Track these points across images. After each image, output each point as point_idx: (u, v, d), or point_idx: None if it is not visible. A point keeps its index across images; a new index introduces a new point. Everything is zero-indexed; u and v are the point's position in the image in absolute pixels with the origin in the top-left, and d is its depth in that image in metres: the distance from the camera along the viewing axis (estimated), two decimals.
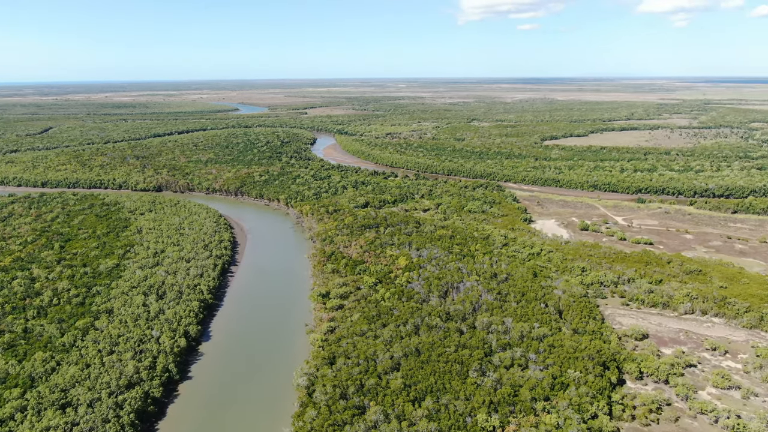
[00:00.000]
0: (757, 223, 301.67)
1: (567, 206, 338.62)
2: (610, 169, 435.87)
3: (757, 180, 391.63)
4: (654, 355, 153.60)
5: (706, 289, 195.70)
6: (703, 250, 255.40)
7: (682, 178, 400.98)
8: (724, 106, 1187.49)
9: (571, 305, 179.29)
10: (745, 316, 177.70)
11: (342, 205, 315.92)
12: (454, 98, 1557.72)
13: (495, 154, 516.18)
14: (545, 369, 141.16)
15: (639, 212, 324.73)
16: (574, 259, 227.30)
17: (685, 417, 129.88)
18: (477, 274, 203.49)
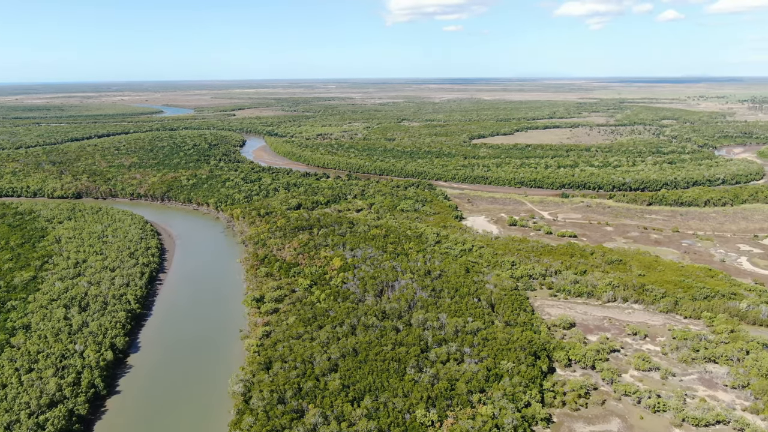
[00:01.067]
0: (669, 213, 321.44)
1: (496, 203, 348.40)
2: (536, 166, 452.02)
3: (668, 173, 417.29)
4: (581, 343, 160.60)
5: (627, 278, 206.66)
6: (623, 240, 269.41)
7: (601, 173, 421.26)
8: (638, 104, 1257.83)
9: (502, 298, 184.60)
10: (661, 302, 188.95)
11: (274, 208, 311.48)
12: (383, 98, 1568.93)
13: (425, 154, 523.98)
14: (480, 362, 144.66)
15: (563, 207, 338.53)
16: (504, 254, 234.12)
17: (611, 399, 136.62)
18: (411, 272, 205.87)
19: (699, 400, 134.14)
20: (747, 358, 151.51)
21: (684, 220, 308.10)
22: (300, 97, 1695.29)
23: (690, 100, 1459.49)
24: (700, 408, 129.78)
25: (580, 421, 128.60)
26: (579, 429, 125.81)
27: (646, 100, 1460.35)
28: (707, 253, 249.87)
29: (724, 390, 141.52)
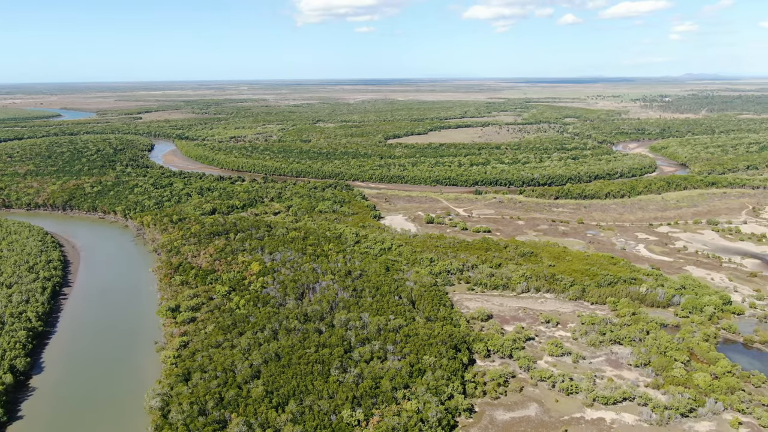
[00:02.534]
0: (574, 206, 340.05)
1: (413, 201, 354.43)
2: (450, 165, 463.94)
3: (572, 169, 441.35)
4: (498, 333, 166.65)
5: (538, 269, 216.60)
6: (534, 233, 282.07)
7: (512, 169, 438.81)
8: (542, 104, 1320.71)
9: (422, 295, 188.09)
10: (570, 290, 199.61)
11: (187, 213, 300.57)
12: (298, 100, 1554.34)
13: (342, 154, 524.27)
14: (403, 358, 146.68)
15: (477, 203, 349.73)
16: (422, 251, 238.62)
17: (528, 386, 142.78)
18: (332, 273, 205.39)
19: (607, 380, 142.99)
20: (647, 338, 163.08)
21: (588, 212, 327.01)
22: (211, 99, 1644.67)
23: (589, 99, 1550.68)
24: (608, 387, 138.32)
25: (501, 408, 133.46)
26: (499, 416, 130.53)
27: (549, 99, 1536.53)
28: (609, 242, 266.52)
29: (629, 369, 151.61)
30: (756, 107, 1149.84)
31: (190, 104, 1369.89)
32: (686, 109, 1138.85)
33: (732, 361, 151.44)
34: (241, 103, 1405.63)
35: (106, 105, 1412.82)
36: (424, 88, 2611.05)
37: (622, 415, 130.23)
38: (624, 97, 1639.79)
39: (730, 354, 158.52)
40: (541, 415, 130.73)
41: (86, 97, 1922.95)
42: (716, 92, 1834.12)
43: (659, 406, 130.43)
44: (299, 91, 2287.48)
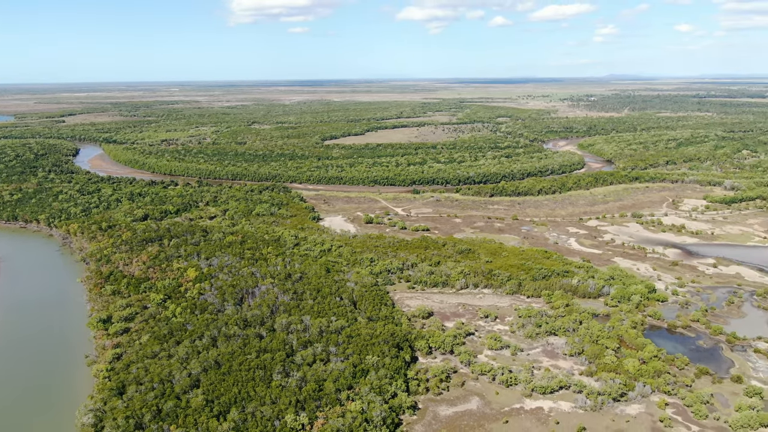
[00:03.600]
0: (509, 203, 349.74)
1: (351, 202, 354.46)
2: (387, 165, 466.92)
3: (506, 167, 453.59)
4: (439, 330, 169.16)
5: (476, 265, 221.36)
6: (471, 231, 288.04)
7: (448, 168, 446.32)
8: (476, 104, 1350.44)
9: (363, 295, 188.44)
10: (507, 285, 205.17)
11: (118, 220, 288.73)
12: (231, 101, 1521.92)
13: (278, 156, 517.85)
14: (346, 359, 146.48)
15: (415, 202, 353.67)
16: (362, 252, 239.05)
17: (470, 380, 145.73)
18: (271, 277, 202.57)
19: (544, 370, 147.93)
20: (580, 327, 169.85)
21: (522, 208, 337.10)
22: (140, 101, 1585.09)
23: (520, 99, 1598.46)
24: (545, 377, 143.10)
25: (443, 404, 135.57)
26: (442, 412, 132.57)
27: (482, 99, 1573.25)
28: (543, 237, 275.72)
29: (564, 358, 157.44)
30: (673, 106, 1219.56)
31: (118, 106, 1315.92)
32: (610, 108, 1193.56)
33: (658, 346, 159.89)
34: (172, 105, 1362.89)
35: (25, 108, 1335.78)
36: (360, 88, 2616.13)
37: (559, 403, 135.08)
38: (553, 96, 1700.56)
39: (656, 339, 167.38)
40: (483, 408, 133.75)
41: (1, 99, 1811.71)
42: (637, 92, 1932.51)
43: (593, 393, 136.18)
44: (233, 92, 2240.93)
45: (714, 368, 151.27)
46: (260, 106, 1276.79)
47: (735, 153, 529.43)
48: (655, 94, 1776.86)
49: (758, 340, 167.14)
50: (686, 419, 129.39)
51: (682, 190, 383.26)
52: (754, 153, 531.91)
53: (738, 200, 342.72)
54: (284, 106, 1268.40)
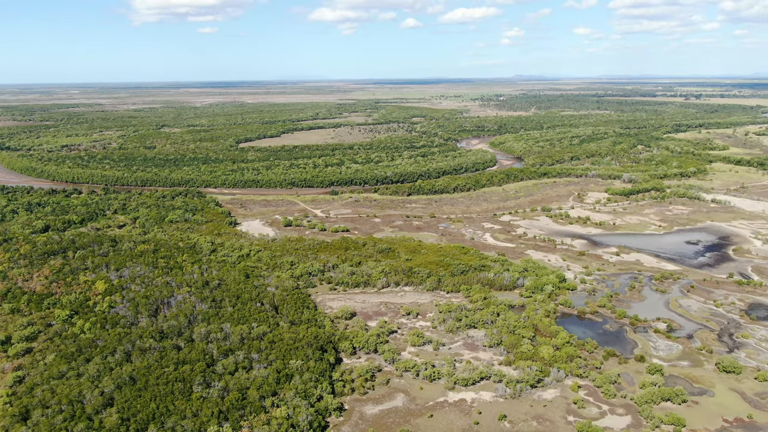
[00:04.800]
0: (426, 201, 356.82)
1: (269, 205, 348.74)
2: (305, 166, 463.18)
3: (422, 166, 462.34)
4: (363, 330, 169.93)
5: (396, 264, 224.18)
6: (390, 230, 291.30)
7: (365, 169, 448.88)
8: (391, 104, 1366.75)
9: (285, 299, 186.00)
10: (427, 281, 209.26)
11: (15, 233, 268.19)
12: (138, 104, 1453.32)
13: (191, 160, 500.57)
14: (269, 365, 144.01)
15: (334, 203, 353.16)
16: (282, 255, 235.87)
17: (394, 377, 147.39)
18: (188, 285, 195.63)
19: (465, 363, 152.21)
20: (498, 319, 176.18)
21: (439, 206, 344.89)
22: (35, 104, 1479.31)
23: (433, 99, 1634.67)
24: (466, 369, 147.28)
25: (369, 403, 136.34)
26: (369, 411, 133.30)
27: (397, 100, 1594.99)
28: (459, 233, 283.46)
29: (484, 350, 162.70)
30: (575, 105, 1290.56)
31: (10, 110, 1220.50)
32: (518, 107, 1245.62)
33: (570, 332, 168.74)
34: (72, 109, 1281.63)
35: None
36: (274, 90, 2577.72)
37: (480, 394, 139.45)
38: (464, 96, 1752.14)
39: (568, 326, 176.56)
40: (408, 404, 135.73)
41: None
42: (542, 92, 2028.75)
43: (512, 381, 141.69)
44: (140, 94, 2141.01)
45: (620, 350, 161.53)
46: (170, 109, 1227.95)
47: (631, 148, 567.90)
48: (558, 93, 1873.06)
49: (657, 321, 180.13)
50: (597, 399, 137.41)
51: (586, 184, 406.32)
52: (648, 148, 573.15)
53: (635, 192, 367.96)
54: (195, 109, 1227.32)
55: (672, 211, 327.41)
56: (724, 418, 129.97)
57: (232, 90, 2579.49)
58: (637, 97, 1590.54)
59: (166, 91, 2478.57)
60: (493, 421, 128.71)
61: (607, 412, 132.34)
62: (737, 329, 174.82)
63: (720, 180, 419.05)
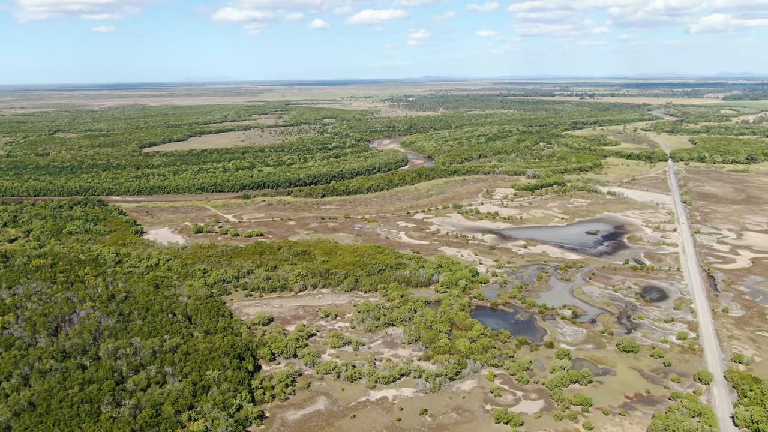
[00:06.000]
0: (341, 202, 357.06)
1: (178, 212, 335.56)
2: (214, 171, 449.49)
3: (335, 167, 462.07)
4: (281, 335, 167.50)
5: (313, 266, 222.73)
6: (305, 232, 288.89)
7: (278, 171, 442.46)
8: (301, 105, 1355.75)
9: (198, 308, 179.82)
10: (345, 282, 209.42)
11: None
12: (27, 108, 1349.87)
13: (90, 167, 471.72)
14: (185, 378, 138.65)
15: (247, 208, 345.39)
16: (194, 263, 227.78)
17: (315, 381, 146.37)
18: (92, 300, 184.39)
19: (386, 361, 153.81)
20: (415, 316, 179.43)
21: (353, 206, 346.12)
22: None
23: (344, 100, 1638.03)
24: (387, 367, 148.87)
25: (291, 408, 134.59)
26: (290, 416, 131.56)
27: (308, 101, 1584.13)
28: (375, 233, 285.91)
29: (403, 347, 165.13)
30: (481, 104, 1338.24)
31: None
32: (427, 107, 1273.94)
33: (484, 324, 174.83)
34: None
35: None
36: (179, 92, 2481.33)
37: (401, 390, 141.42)
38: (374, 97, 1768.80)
39: (482, 318, 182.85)
40: (330, 406, 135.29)
41: None
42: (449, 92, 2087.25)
43: (431, 376, 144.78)
44: (29, 97, 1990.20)
45: (531, 338, 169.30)
46: (64, 113, 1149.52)
47: (534, 145, 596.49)
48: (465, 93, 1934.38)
49: (563, 308, 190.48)
50: (512, 387, 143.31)
51: (494, 181, 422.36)
52: (549, 145, 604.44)
53: (539, 187, 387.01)
54: (93, 113, 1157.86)
55: (573, 203, 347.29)
56: (626, 394, 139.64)
57: (132, 92, 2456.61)
58: (537, 97, 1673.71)
59: (59, 94, 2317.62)
60: (414, 416, 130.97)
61: (521, 398, 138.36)
62: (634, 311, 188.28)
63: (614, 173, 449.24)
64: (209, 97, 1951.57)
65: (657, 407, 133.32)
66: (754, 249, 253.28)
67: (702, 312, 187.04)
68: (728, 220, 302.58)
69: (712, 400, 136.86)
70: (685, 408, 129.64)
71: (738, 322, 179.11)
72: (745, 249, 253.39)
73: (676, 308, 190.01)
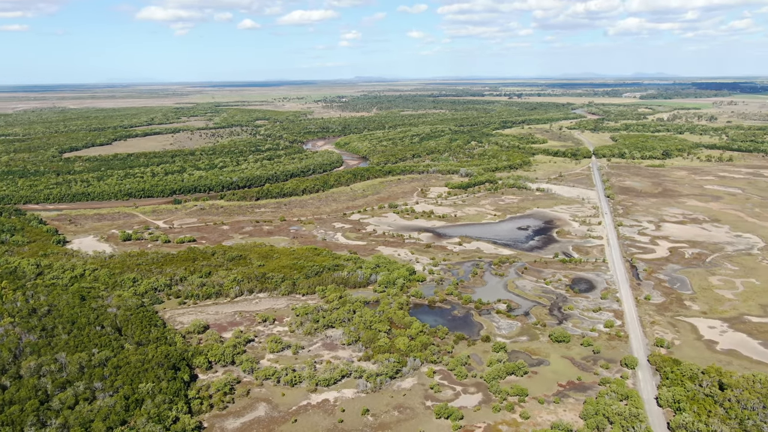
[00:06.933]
0: (276, 205, 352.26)
1: (104, 219, 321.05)
2: (142, 175, 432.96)
3: (269, 169, 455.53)
4: (218, 342, 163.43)
5: (249, 271, 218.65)
6: (240, 236, 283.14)
7: (209, 175, 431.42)
8: (232, 107, 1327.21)
9: (129, 319, 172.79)
10: (282, 286, 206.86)
11: None
12: None
13: (5, 174, 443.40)
14: (116, 392, 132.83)
15: (178, 213, 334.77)
16: (123, 272, 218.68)
17: (254, 387, 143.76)
18: (10, 315, 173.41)
19: (326, 363, 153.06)
20: (354, 317, 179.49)
21: (288, 208, 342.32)
22: None
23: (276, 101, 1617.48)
24: (327, 370, 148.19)
25: (230, 417, 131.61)
26: (230, 425, 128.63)
27: (239, 102, 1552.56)
28: (311, 235, 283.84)
29: (343, 348, 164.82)
30: (413, 105, 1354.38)
31: None
32: (361, 108, 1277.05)
33: (422, 321, 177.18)
34: None
35: None
36: (101, 94, 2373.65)
37: (342, 392, 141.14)
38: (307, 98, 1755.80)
39: (421, 315, 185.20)
40: (271, 412, 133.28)
41: None
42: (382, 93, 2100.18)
43: (372, 375, 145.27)
44: None
45: (468, 333, 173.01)
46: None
47: (466, 144, 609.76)
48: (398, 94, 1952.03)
49: (498, 302, 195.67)
50: (451, 382, 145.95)
51: (428, 180, 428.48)
52: (480, 144, 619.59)
53: (472, 185, 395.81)
54: (6, 116, 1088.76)
55: (504, 200, 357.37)
56: (559, 383, 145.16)
57: (50, 94, 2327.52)
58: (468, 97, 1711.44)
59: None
60: (356, 417, 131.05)
61: (460, 392, 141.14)
62: (564, 302, 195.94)
63: (542, 170, 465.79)
64: (135, 99, 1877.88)
65: (588, 393, 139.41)
66: (671, 239, 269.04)
67: (626, 300, 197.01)
68: (647, 213, 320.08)
69: (637, 384, 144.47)
70: (614, 392, 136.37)
71: (659, 309, 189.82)
72: (663, 239, 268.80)
73: (602, 298, 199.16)
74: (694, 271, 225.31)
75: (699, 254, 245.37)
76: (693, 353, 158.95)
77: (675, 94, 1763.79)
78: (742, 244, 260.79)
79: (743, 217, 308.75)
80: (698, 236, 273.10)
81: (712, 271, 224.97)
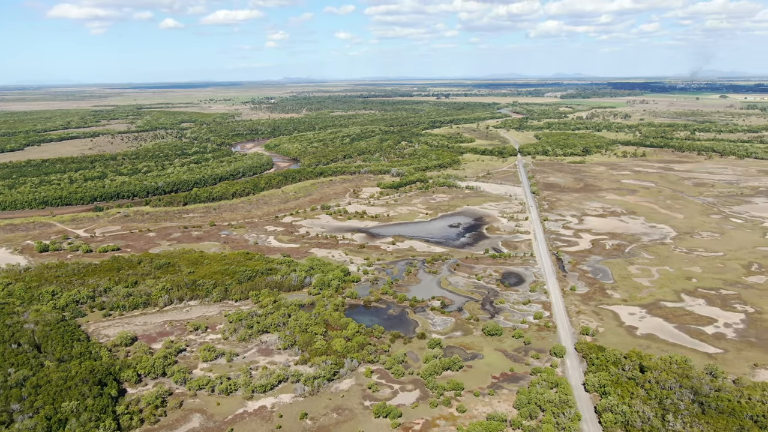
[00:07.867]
0: (204, 210, 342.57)
1: (17, 230, 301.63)
2: (59, 182, 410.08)
3: (197, 173, 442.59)
4: (147, 354, 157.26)
5: (178, 278, 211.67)
6: (167, 243, 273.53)
7: (133, 180, 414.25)
8: (155, 110, 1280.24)
9: (49, 335, 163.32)
10: (213, 292, 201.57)
11: None
12: None
13: None
14: (36, 413, 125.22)
15: (99, 221, 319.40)
16: (40, 285, 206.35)
17: (188, 398, 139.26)
18: None
19: (262, 369, 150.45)
20: (290, 320, 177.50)
21: (218, 213, 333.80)
22: None
23: (202, 103, 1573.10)
24: (263, 376, 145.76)
25: (162, 431, 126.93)
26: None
27: (162, 105, 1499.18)
28: (243, 239, 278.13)
29: (279, 353, 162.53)
30: (343, 105, 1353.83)
31: None
32: (290, 109, 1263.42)
33: (358, 322, 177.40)
34: None
35: None
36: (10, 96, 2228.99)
37: (280, 397, 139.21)
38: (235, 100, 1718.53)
39: (357, 316, 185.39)
40: (206, 423, 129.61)
41: None
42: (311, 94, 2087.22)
43: (309, 379, 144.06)
44: None
45: (404, 331, 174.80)
46: None
47: (396, 144, 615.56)
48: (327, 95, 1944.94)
49: (432, 299, 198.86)
50: (389, 380, 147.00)
51: (360, 180, 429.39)
52: (410, 143, 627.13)
53: (403, 184, 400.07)
54: None
55: (435, 199, 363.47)
56: (493, 375, 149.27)
57: None
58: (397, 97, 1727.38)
59: None
60: (295, 421, 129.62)
61: (398, 390, 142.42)
62: (495, 297, 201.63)
63: (471, 168, 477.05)
64: (48, 101, 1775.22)
65: (520, 383, 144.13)
66: (593, 232, 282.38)
67: (553, 292, 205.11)
68: (570, 207, 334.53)
69: (566, 371, 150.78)
70: (545, 381, 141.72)
71: (583, 298, 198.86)
72: (586, 232, 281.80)
73: (531, 290, 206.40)
74: (615, 261, 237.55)
75: (618, 245, 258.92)
76: (616, 339, 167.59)
77: (593, 93, 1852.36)
78: (657, 234, 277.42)
79: (657, 209, 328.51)
80: (617, 228, 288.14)
81: (631, 260, 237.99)
